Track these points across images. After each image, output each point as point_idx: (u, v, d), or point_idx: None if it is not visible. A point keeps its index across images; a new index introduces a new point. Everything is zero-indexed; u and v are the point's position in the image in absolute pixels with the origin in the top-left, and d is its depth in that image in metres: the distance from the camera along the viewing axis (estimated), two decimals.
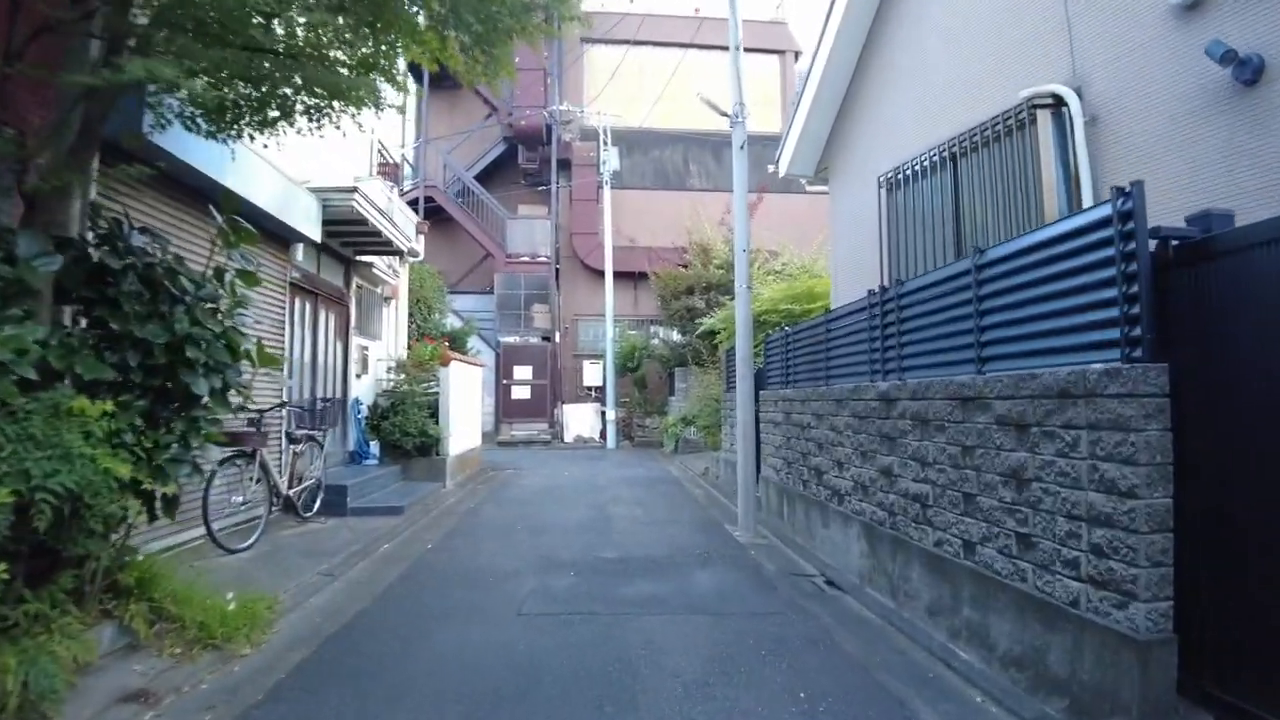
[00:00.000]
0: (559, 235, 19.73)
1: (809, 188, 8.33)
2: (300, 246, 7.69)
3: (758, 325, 9.07)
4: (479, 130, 20.58)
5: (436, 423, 9.62)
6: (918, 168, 6.14)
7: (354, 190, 7.55)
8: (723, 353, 10.49)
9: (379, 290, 10.56)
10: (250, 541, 5.75)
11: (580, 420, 18.42)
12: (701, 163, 21.07)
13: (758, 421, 7.60)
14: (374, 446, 9.46)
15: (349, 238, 8.82)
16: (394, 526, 6.95)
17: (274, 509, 6.58)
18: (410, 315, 12.93)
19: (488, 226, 19.55)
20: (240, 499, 5.85)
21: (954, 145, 5.70)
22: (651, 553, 5.90)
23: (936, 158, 5.89)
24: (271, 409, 6.15)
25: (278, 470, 6.55)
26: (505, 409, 18.18)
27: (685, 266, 16.80)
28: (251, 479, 5.91)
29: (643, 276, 18.51)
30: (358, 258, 9.63)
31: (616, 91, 19.93)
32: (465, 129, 20.52)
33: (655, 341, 18.43)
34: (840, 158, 7.79)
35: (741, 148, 7.01)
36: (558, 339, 19.08)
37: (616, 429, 17.64)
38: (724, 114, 7.10)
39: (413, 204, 19.75)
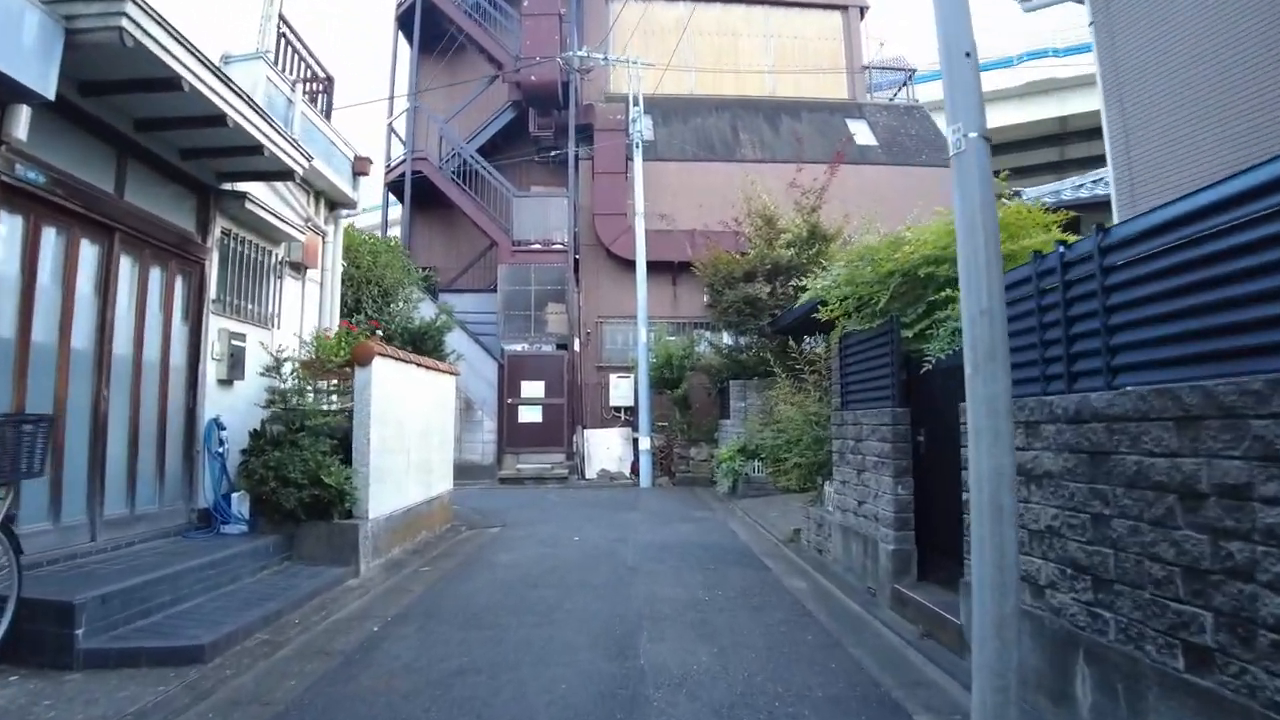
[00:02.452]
0: (578, 217, 15.80)
1: None
2: (26, 113, 3.85)
3: (907, 286, 4.99)
4: (481, 94, 16.90)
5: (347, 462, 5.64)
6: None
7: None
8: (834, 344, 6.27)
9: (279, 251, 6.69)
10: None
11: (606, 450, 14.35)
12: (754, 131, 17.06)
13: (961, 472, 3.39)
14: (239, 502, 5.52)
15: (191, 129, 4.95)
16: None
17: None
18: (359, 304, 9.07)
19: (492, 208, 15.78)
20: None
21: None
22: None
23: None
24: None
25: None
26: (510, 436, 14.19)
27: (742, 255, 12.76)
28: None
29: (683, 267, 14.46)
30: (226, 186, 5.80)
31: (650, 52, 16.14)
32: (466, 98, 16.87)
33: (702, 348, 14.25)
34: None
35: None
36: (577, 347, 15.07)
37: (652, 461, 13.52)
38: None
39: (398, 182, 16.12)
